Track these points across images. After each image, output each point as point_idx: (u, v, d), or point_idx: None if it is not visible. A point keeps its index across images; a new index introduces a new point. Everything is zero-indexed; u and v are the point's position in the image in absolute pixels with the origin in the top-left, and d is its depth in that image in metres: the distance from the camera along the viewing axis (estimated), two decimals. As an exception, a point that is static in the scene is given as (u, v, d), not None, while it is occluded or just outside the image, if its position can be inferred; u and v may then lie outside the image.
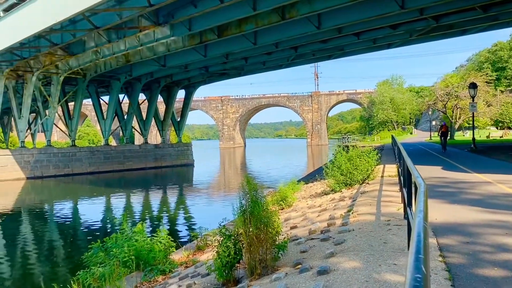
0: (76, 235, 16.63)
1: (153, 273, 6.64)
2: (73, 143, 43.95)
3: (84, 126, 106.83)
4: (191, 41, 28.99)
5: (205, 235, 8.90)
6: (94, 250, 7.38)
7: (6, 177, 35.86)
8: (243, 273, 5.02)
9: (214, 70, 41.25)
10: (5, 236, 16.39)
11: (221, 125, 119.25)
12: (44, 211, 22.82)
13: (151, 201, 25.30)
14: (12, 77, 38.51)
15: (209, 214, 19.10)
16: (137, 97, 48.23)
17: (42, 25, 25.29)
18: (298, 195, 14.12)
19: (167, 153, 49.48)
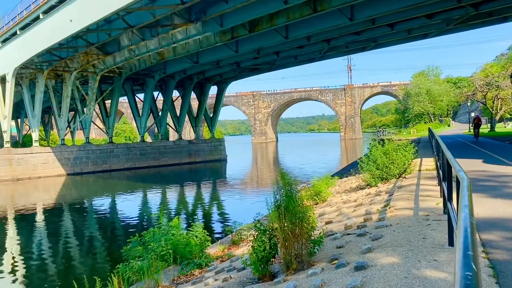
0: (114, 229, 17.11)
1: (190, 266, 6.75)
2: (110, 140, 45.24)
3: (120, 123, 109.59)
4: (222, 37, 29.15)
5: (239, 230, 8.95)
6: (133, 244, 7.57)
7: (48, 173, 37.35)
8: (278, 267, 5.01)
9: (246, 66, 41.34)
10: (48, 230, 17.08)
11: (253, 120, 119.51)
12: (84, 206, 23.63)
13: (186, 196, 25.70)
14: (51, 77, 39.98)
15: (242, 208, 19.21)
16: (171, 94, 49.04)
17: (79, 25, 26.07)
18: (332, 189, 13.97)
19: (200, 149, 50.11)
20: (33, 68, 37.39)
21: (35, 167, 36.93)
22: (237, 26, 27.37)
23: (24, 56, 33.05)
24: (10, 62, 35.10)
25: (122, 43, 32.46)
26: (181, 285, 5.92)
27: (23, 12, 31.54)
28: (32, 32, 31.52)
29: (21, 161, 36.35)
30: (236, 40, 29.86)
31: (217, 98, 53.28)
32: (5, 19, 34.90)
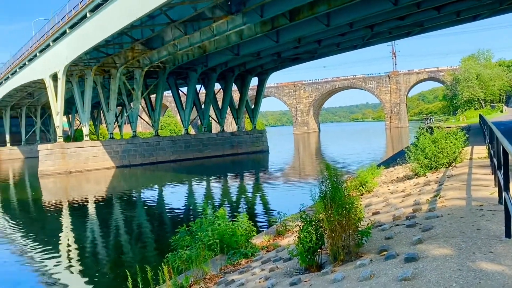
0: (162, 219, 17.63)
1: (236, 256, 6.84)
2: (156, 133, 46.52)
3: (165, 116, 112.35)
4: (263, 27, 29.07)
5: (284, 220, 8.97)
6: (181, 233, 7.77)
7: (98, 166, 38.97)
8: (325, 258, 4.98)
9: (287, 56, 41.07)
10: (99, 220, 17.86)
11: (294, 110, 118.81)
12: (132, 197, 24.50)
13: (230, 187, 26.03)
14: (99, 73, 41.50)
15: (285, 199, 19.22)
16: (213, 87, 49.64)
17: (124, 22, 26.83)
18: (379, 180, 13.67)
19: (242, 140, 50.48)
20: (82, 65, 38.94)
21: (86, 160, 38.62)
22: (277, 16, 27.19)
23: (74, 54, 34.46)
24: (61, 60, 36.74)
25: (165, 38, 33.13)
26: (228, 274, 6.02)
27: (71, 11, 32.83)
28: (80, 31, 32.79)
29: (73, 155, 38.12)
30: (276, 30, 29.70)
31: (258, 89, 53.36)
32: (55, 19, 36.47)
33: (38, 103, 76.35)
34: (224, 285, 5.37)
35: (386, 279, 3.72)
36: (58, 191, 29.63)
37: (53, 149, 37.66)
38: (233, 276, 5.71)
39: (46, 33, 38.43)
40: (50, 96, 40.43)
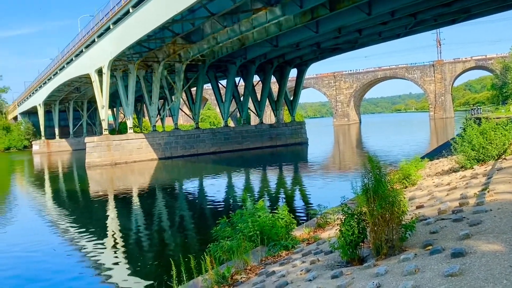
0: (202, 210, 17.96)
1: (277, 248, 6.88)
2: (196, 126, 47.29)
3: (205, 109, 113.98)
4: (302, 18, 28.77)
5: (324, 213, 8.91)
6: (222, 224, 7.89)
7: (142, 158, 40.14)
8: (368, 252, 4.91)
9: (326, 46, 40.47)
10: (143, 210, 18.44)
11: (334, 102, 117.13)
12: (174, 188, 25.09)
13: (269, 179, 26.12)
14: (142, 68, 42.57)
15: (325, 192, 19.06)
16: (252, 79, 49.76)
17: (165, 16, 27.31)
18: (422, 172, 13.28)
19: (281, 132, 50.41)
20: (126, 60, 40.06)
21: (131, 152, 39.85)
22: (317, 6, 26.80)
23: (117, 49, 35.50)
24: (105, 56, 37.96)
25: (205, 31, 33.48)
26: (269, 266, 6.07)
27: (114, 7, 33.78)
28: (123, 26, 33.70)
29: (118, 147, 39.44)
30: (316, 20, 29.30)
31: (297, 81, 52.99)
32: (99, 15, 37.65)
33: (84, 97, 79.41)
34: (265, 276, 5.42)
35: (431, 274, 3.63)
36: (104, 182, 30.82)
37: (99, 141, 39.12)
38: (274, 268, 5.75)
39: (91, 29, 39.76)
40: (96, 91, 41.94)
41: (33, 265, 10.76)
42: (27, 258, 11.38)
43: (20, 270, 10.37)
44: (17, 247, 12.71)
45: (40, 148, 78.65)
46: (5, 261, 11.25)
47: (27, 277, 9.87)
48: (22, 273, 10.18)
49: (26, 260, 11.19)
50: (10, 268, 10.58)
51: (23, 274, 10.09)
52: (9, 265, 10.89)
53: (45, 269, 10.45)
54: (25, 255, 11.76)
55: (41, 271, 10.25)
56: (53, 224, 16.32)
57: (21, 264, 10.93)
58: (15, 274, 10.11)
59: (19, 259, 11.35)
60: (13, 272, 10.25)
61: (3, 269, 10.55)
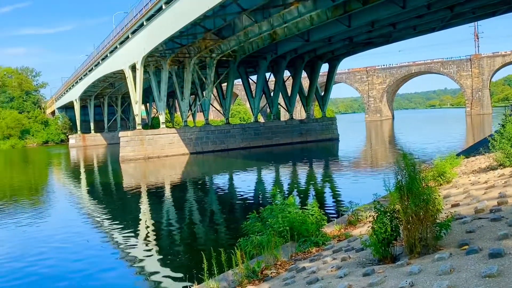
0: (232, 204, 18.09)
1: (307, 244, 6.85)
2: (227, 121, 47.63)
3: (235, 104, 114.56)
4: (334, 12, 28.39)
5: (355, 210, 8.80)
6: (252, 219, 7.92)
7: (173, 152, 40.80)
8: (400, 250, 4.82)
9: (359, 40, 39.80)
10: (175, 203, 18.76)
11: (366, 97, 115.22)
12: (205, 182, 25.38)
13: (298, 175, 26.01)
14: (174, 64, 43.15)
15: (356, 189, 18.82)
16: (282, 74, 49.58)
17: (197, 12, 27.54)
18: (458, 170, 12.89)
19: (311, 128, 50.05)
20: (158, 56, 40.72)
21: (163, 147, 40.58)
22: (349, 0, 26.38)
23: (150, 45, 36.12)
24: (139, 52, 38.69)
25: (236, 27, 33.57)
26: (299, 262, 6.05)
27: (148, 4, 34.34)
28: (156, 23, 34.23)
29: (151, 141, 40.23)
30: (348, 14, 28.85)
31: (328, 76, 52.39)
32: (133, 12, 38.37)
33: (118, 93, 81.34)
34: (295, 272, 5.41)
35: (467, 274, 3.53)
36: (137, 176, 31.53)
37: (133, 136, 40.02)
38: (304, 264, 5.73)
39: (126, 25, 40.59)
40: (130, 86, 42.85)
41: (66, 255, 11.09)
42: (62, 249, 11.76)
43: (54, 261, 10.67)
44: (53, 237, 13.19)
45: (76, 142, 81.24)
46: (41, 250, 11.66)
47: (60, 268, 10.16)
48: (56, 263, 10.47)
49: (61, 251, 11.55)
50: (45, 258, 10.92)
51: (56, 265, 10.37)
52: (44, 254, 11.28)
53: (77, 260, 10.74)
54: (60, 245, 12.17)
55: (74, 262, 10.55)
56: (87, 216, 16.85)
57: (56, 254, 11.26)
58: (50, 264, 10.42)
59: (54, 250, 11.73)
60: (48, 263, 10.56)
61: (38, 259, 10.93)
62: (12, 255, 11.43)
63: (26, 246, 12.26)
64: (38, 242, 12.71)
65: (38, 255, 11.21)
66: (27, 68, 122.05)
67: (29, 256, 11.18)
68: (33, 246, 12.22)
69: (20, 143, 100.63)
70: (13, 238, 13.44)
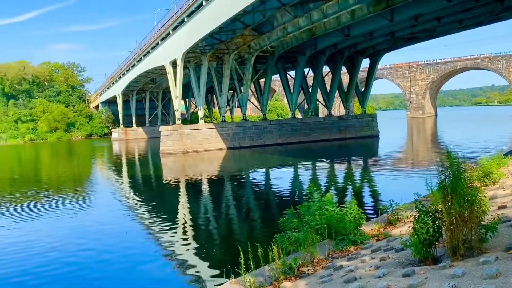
0: (268, 200, 18.13)
1: (345, 242, 6.76)
2: (264, 117, 47.68)
3: (273, 100, 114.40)
4: (376, 6, 27.73)
5: (396, 209, 8.60)
6: (288, 215, 7.90)
7: (211, 147, 41.34)
8: (442, 252, 4.67)
9: (401, 35, 38.71)
10: (212, 197, 19.02)
11: (408, 93, 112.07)
12: (241, 177, 25.56)
13: (336, 172, 25.70)
14: (213, 59, 43.62)
15: (396, 187, 18.38)
16: (321, 70, 49.04)
17: (237, 8, 27.66)
18: (505, 170, 12.32)
19: (350, 125, 49.26)
20: (198, 52, 41.26)
21: (201, 141, 41.19)
22: (392, -6, 25.70)
23: (191, 41, 36.64)
24: (180, 48, 39.36)
25: (275, 22, 33.46)
26: (336, 260, 5.99)
27: (189, 0, 34.82)
28: (196, 19, 34.67)
29: (189, 136, 40.93)
30: (391, 8, 28.10)
31: (369, 71, 51.32)
32: (174, 8, 39.04)
33: (159, 88, 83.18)
34: (333, 269, 5.35)
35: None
36: (176, 169, 32.19)
37: (173, 130, 40.85)
38: (342, 262, 5.66)
39: (167, 22, 41.35)
40: (170, 82, 43.71)
41: (104, 247, 11.39)
42: (101, 241, 12.12)
43: (92, 252, 10.94)
44: (93, 228, 13.67)
45: (119, 136, 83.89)
46: (80, 241, 12.04)
47: (97, 259, 10.42)
48: (94, 255, 10.72)
49: (100, 243, 11.86)
50: (84, 250, 11.22)
51: (94, 256, 10.63)
52: (84, 245, 11.61)
53: (115, 251, 11.02)
54: (100, 236, 12.59)
55: (112, 253, 10.83)
56: (128, 207, 17.38)
57: (95, 245, 11.58)
58: (88, 256, 10.70)
59: (94, 241, 12.07)
60: (87, 254, 10.86)
61: (76, 249, 11.30)
62: (54, 244, 11.83)
63: (68, 236, 12.75)
64: (79, 232, 13.18)
65: (77, 246, 11.53)
66: (73, 63, 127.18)
67: (69, 246, 11.56)
68: (74, 236, 12.66)
69: (66, 136, 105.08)
70: (56, 228, 14.03)
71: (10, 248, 11.67)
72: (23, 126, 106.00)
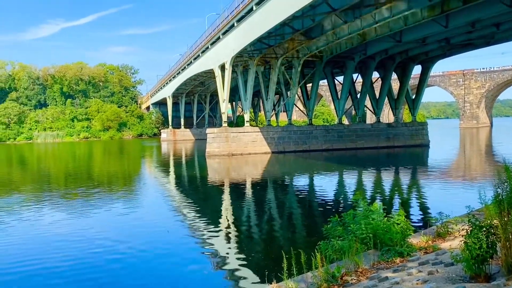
0: (312, 206, 17.94)
1: (391, 254, 6.57)
2: (310, 122, 47.36)
3: (319, 105, 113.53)
4: (430, 12, 26.87)
5: (446, 222, 8.26)
6: (333, 223, 7.79)
7: (256, 150, 41.58)
8: (496, 269, 4.44)
9: (456, 42, 37.23)
10: (255, 200, 19.08)
11: (462, 102, 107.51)
12: (285, 182, 25.50)
13: (383, 181, 25.04)
14: (260, 64, 43.95)
15: (446, 199, 17.66)
16: (371, 76, 48.12)
17: (286, 13, 27.71)
18: None
19: (400, 133, 47.90)
20: (246, 56, 41.72)
21: (246, 145, 41.54)
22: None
23: (240, 45, 37.11)
24: (228, 52, 39.96)
25: (324, 27, 33.21)
26: (381, 271, 5.83)
27: (239, 5, 35.31)
28: (246, 24, 35.08)
29: (235, 139, 41.40)
30: (446, 14, 27.12)
31: (420, 78, 49.71)
32: (225, 13, 39.73)
33: (207, 91, 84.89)
34: (377, 280, 5.22)
35: None
36: (221, 171, 32.63)
37: (219, 132, 41.48)
38: (387, 273, 5.52)
39: (217, 26, 42.14)
40: (218, 85, 44.45)
41: (146, 246, 11.56)
42: (144, 238, 12.41)
43: (134, 251, 11.14)
44: (138, 226, 14.05)
45: (167, 136, 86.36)
46: (123, 239, 12.37)
47: (138, 258, 10.61)
48: (135, 254, 10.92)
49: (142, 241, 12.10)
50: (127, 248, 11.47)
51: (136, 255, 10.82)
52: (126, 243, 11.87)
53: (156, 250, 11.17)
54: (143, 234, 12.92)
55: (152, 253, 10.98)
56: (172, 206, 17.81)
57: (137, 243, 11.81)
58: (130, 254, 10.91)
59: (136, 239, 12.34)
60: (129, 253, 11.06)
61: (121, 247, 11.62)
62: (99, 242, 12.19)
63: (113, 233, 13.16)
64: (122, 230, 13.53)
65: (118, 244, 11.79)
66: (127, 65, 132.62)
67: (111, 243, 11.88)
68: (118, 234, 13.01)
69: (118, 135, 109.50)
70: (104, 224, 14.55)
71: (58, 243, 12.22)
72: (78, 125, 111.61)
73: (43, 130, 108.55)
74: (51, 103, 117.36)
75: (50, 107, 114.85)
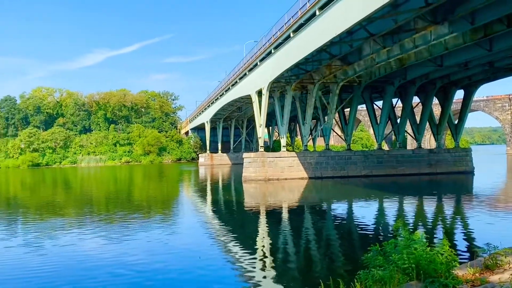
0: (350, 234, 17.47)
1: (435, 285, 6.25)
2: (348, 147, 46.71)
3: (357, 131, 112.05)
4: (472, 36, 26.26)
5: (494, 253, 7.81)
6: (373, 252, 7.54)
7: (293, 176, 41.29)
8: (553, 308, 4.11)
9: (501, 65, 36.09)
10: (291, 226, 18.80)
11: (508, 127, 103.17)
12: (322, 208, 25.05)
13: (425, 209, 24.12)
14: (297, 89, 44.15)
15: (493, 230, 16.74)
16: (411, 101, 47.22)
17: (323, 39, 27.88)
18: None
19: (442, 159, 46.33)
20: (283, 81, 42.07)
21: (282, 170, 41.37)
22: (491, 22, 24.16)
23: (277, 71, 37.52)
24: (265, 78, 40.46)
25: (362, 52, 33.09)
26: (425, 304, 5.54)
27: (277, 33, 35.88)
28: (283, 50, 35.52)
29: (271, 164, 41.36)
30: (489, 37, 26.41)
31: (463, 103, 48.25)
32: (262, 41, 40.45)
33: (244, 116, 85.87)
34: (421, 315, 4.96)
35: None
36: (257, 196, 32.53)
37: (255, 157, 41.61)
38: (431, 307, 5.23)
39: (255, 53, 42.91)
40: (255, 110, 44.90)
41: (180, 271, 11.62)
42: (178, 263, 12.46)
43: (163, 274, 11.25)
44: (172, 250, 14.12)
45: (205, 161, 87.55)
46: (156, 259, 12.48)
47: (172, 282, 10.69)
48: (165, 276, 11.02)
49: (177, 265, 12.19)
50: (161, 272, 11.59)
51: (165, 278, 10.91)
52: (158, 265, 12.00)
53: (190, 275, 11.21)
54: (177, 258, 13.00)
55: (186, 277, 11.06)
56: (207, 230, 17.83)
57: (172, 267, 11.92)
58: (161, 277, 11.00)
59: (172, 263, 12.44)
60: (160, 275, 11.16)
61: (151, 268, 11.73)
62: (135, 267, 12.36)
63: (145, 256, 13.31)
64: (155, 254, 13.64)
65: (148, 266, 11.94)
66: (167, 92, 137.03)
67: (143, 266, 12.00)
68: (153, 258, 13.14)
69: (158, 159, 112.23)
70: (138, 248, 14.69)
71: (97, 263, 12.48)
72: (120, 149, 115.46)
73: (87, 154, 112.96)
74: (95, 128, 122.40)
75: (94, 132, 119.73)
